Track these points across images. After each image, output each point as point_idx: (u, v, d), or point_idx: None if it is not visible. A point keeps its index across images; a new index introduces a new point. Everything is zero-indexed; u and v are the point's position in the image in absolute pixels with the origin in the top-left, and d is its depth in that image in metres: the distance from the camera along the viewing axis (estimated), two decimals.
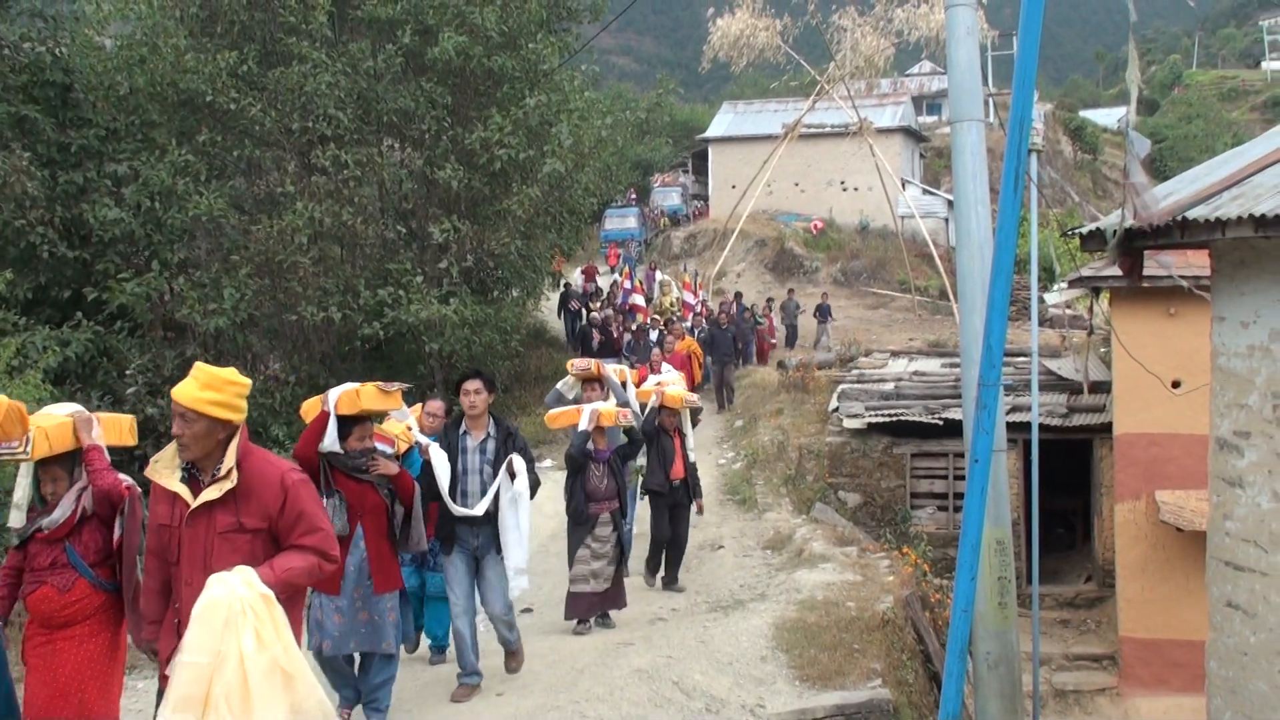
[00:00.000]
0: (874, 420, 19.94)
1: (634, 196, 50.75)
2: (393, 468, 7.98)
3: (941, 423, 19.33)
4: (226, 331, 19.42)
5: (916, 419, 19.63)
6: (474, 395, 8.88)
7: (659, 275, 37.25)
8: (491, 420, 9.02)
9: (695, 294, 34.29)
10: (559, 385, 12.82)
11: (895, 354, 25.77)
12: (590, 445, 11.35)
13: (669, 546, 13.51)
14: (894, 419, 19.82)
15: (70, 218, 19.01)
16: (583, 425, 11.18)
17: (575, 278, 37.66)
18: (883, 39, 35.36)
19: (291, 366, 21.10)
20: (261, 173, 22.29)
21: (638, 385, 14.40)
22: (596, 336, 26.90)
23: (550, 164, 21.79)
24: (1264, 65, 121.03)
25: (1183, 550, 16.04)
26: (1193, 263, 13.58)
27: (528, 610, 12.48)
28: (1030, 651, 13.68)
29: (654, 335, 26.36)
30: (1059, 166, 62.58)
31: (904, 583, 13.10)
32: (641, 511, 14.40)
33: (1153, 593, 16.54)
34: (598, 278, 38.42)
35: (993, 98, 50.59)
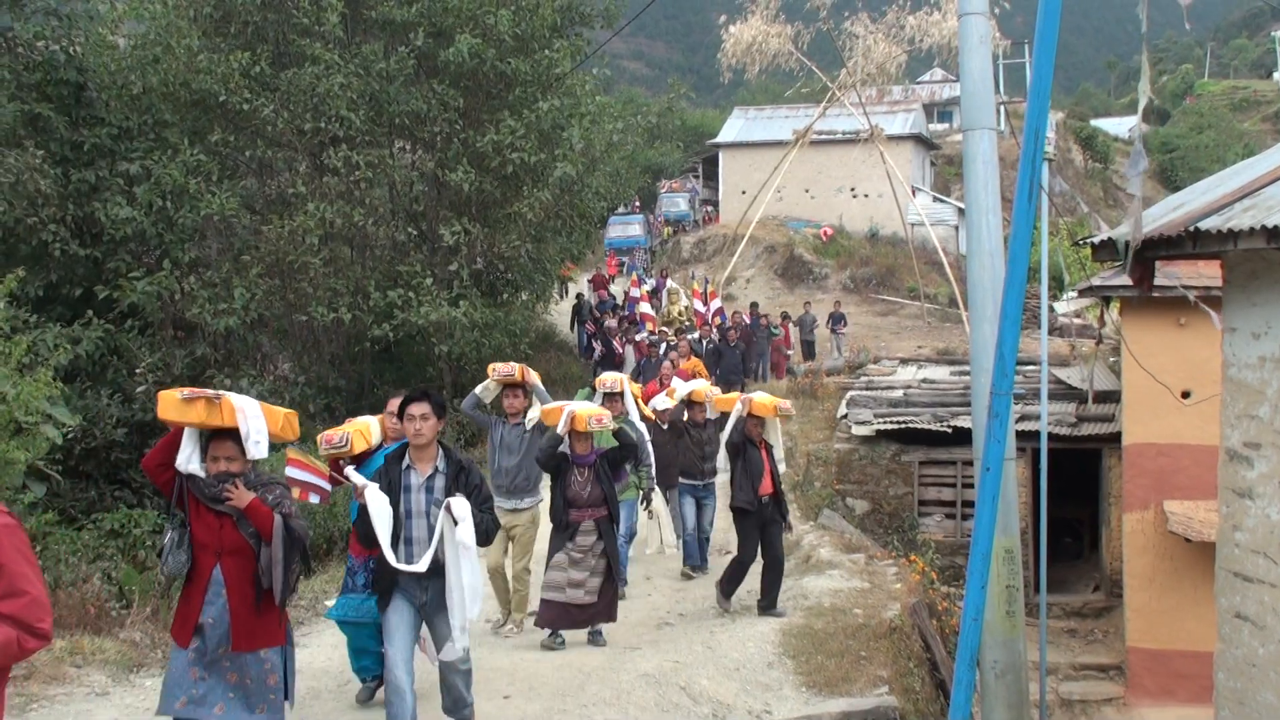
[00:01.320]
0: (882, 427, 19.93)
1: (638, 203, 50.23)
2: (244, 498, 6.42)
3: (950, 430, 19.31)
4: (236, 331, 19.47)
5: (925, 427, 19.62)
6: (419, 421, 7.36)
7: (669, 283, 36.57)
8: (441, 452, 7.52)
9: (706, 303, 32.27)
10: (477, 389, 11.67)
11: (904, 361, 25.76)
12: (568, 449, 10.70)
13: (766, 569, 12.26)
14: (902, 426, 19.81)
15: (82, 216, 19.06)
16: (559, 428, 10.54)
17: (584, 287, 37.14)
18: (895, 46, 35.34)
19: (301, 367, 21.14)
20: (273, 173, 22.36)
21: (646, 400, 14.39)
22: (598, 348, 26.41)
23: (561, 168, 21.83)
24: (1276, 76, 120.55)
25: (1191, 561, 16.01)
26: (1203, 273, 13.58)
27: (532, 614, 12.39)
28: (1037, 661, 13.70)
29: (663, 349, 24.32)
30: (1070, 175, 62.51)
31: (911, 590, 13.09)
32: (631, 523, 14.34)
33: (1160, 603, 16.51)
34: (610, 287, 37.41)
35: (1004, 106, 50.52)
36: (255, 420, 6.56)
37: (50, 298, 18.84)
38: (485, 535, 7.38)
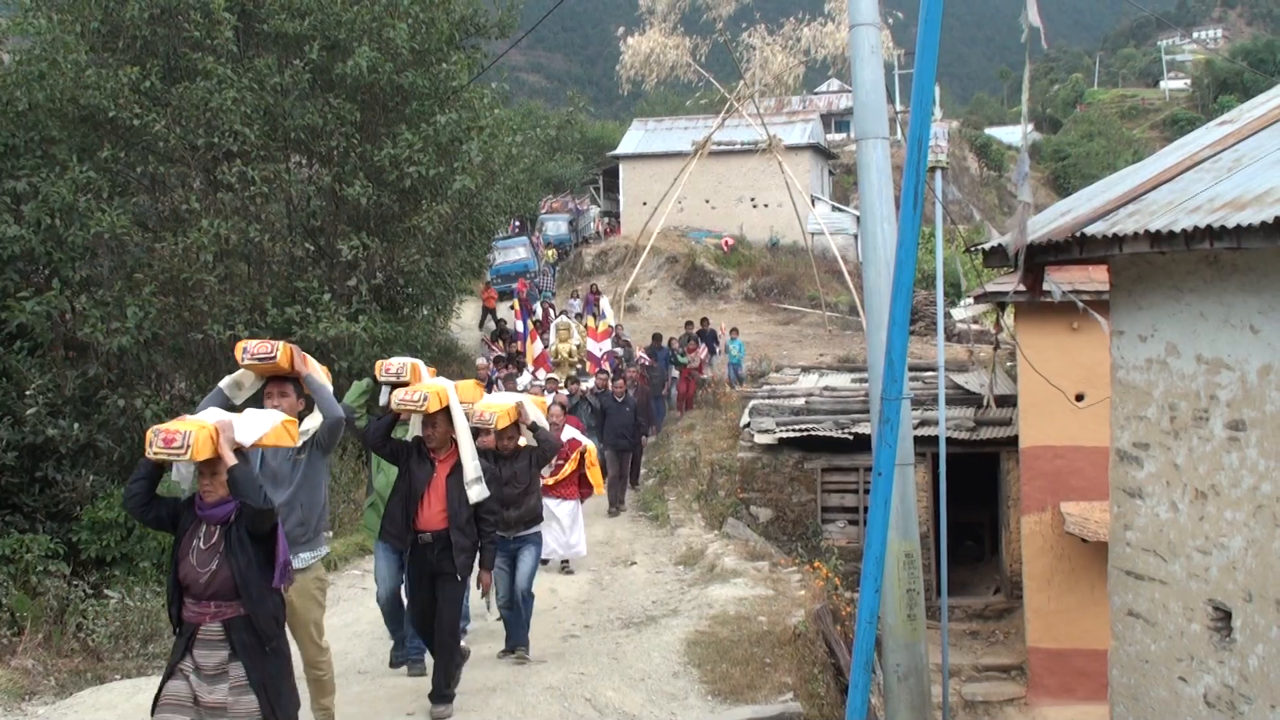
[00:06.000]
0: (785, 435, 20.04)
1: (518, 225, 48.63)
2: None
3: (851, 437, 19.47)
4: (130, 351, 19.07)
5: (827, 434, 19.75)
6: None
7: (561, 316, 29.30)
8: None
9: (598, 341, 26.68)
10: (222, 383, 7.62)
11: (806, 369, 25.92)
12: (192, 490, 6.27)
13: (430, 641, 8.88)
14: (805, 434, 19.92)
15: None
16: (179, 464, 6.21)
17: (510, 317, 34.68)
18: (791, 57, 35.62)
19: (198, 386, 20.74)
20: (166, 189, 21.94)
21: None
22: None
23: (460, 181, 21.67)
24: (1162, 84, 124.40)
25: (1088, 561, 16.29)
26: (1094, 278, 13.85)
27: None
28: (940, 663, 13.85)
29: (549, 400, 16.73)
30: (965, 183, 63.50)
31: (815, 597, 13.19)
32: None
33: (1059, 603, 16.78)
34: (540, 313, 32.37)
35: (899, 115, 51.14)
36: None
37: None
38: None
